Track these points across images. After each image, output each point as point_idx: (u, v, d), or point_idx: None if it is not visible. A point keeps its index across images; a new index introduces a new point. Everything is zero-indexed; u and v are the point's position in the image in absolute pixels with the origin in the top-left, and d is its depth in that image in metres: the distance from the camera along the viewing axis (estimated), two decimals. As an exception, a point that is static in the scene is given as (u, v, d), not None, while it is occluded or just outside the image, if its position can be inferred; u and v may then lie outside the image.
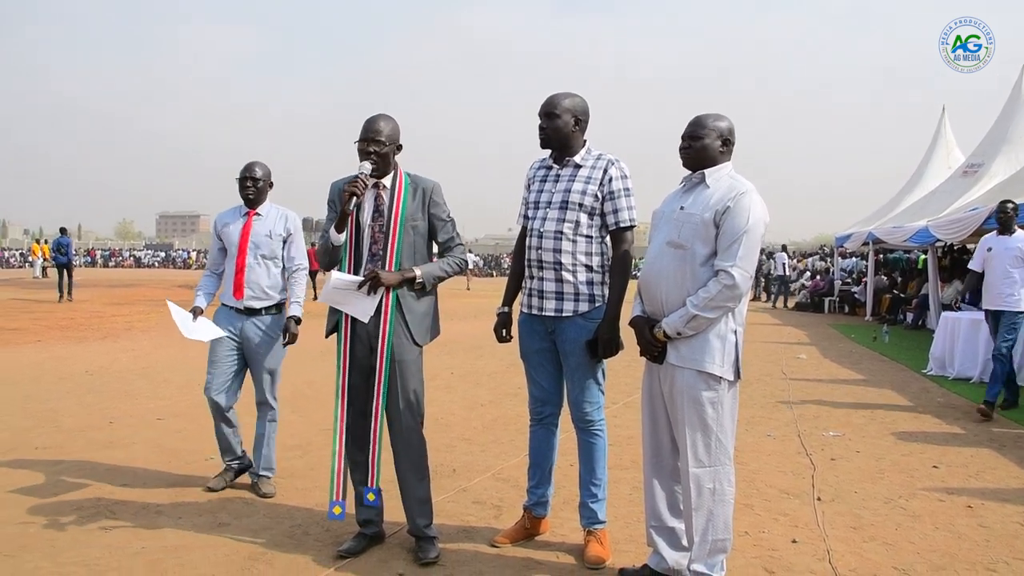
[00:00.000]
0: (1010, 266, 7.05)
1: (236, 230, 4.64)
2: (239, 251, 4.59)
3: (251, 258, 4.59)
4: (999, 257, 7.17)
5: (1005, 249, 7.17)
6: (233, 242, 4.61)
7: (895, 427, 6.56)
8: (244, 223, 4.65)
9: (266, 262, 4.63)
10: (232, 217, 4.72)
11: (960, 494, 4.71)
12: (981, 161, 14.99)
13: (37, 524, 4.00)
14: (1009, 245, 7.16)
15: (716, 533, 3.13)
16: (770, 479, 4.95)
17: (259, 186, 4.65)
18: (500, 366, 9.61)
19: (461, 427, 6.32)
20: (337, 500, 3.63)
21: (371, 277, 3.51)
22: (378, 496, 3.65)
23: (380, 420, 3.61)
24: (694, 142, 3.23)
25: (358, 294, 3.54)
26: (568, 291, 3.57)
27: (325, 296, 3.58)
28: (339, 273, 3.58)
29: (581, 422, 3.66)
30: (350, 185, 3.49)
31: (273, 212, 4.73)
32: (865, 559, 3.68)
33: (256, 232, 4.62)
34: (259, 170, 4.65)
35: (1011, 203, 7.43)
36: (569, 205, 3.57)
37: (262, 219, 4.67)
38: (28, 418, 6.39)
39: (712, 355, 3.09)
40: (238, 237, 4.61)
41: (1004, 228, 7.33)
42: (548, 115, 3.61)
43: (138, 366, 9.28)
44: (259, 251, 4.61)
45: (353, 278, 3.57)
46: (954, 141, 19.65)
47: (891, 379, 9.25)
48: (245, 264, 4.58)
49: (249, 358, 4.62)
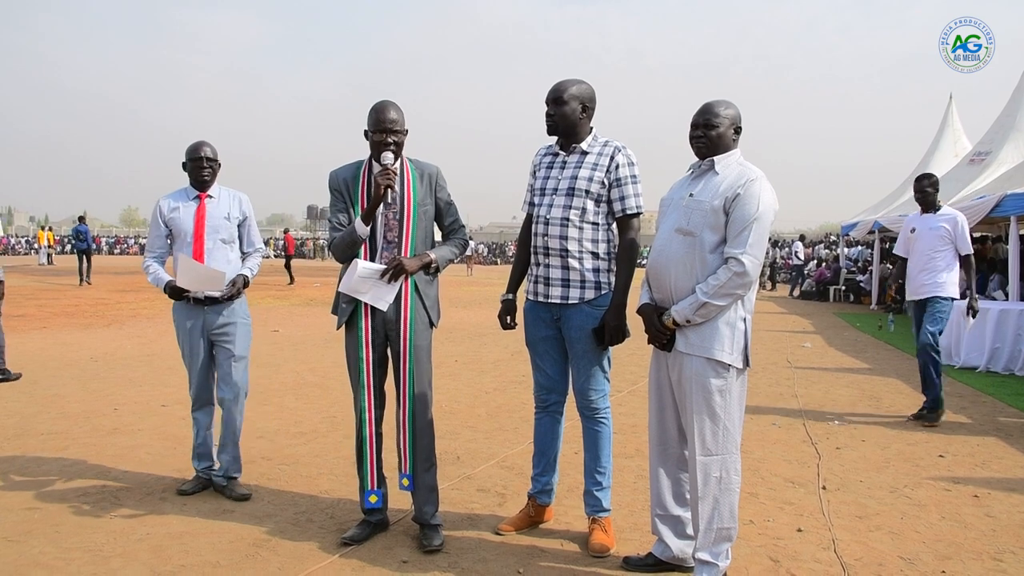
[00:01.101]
0: (934, 248, 6.29)
1: (189, 215, 4.30)
2: (196, 237, 4.27)
3: (210, 244, 4.30)
4: (923, 238, 6.40)
5: (929, 229, 6.37)
6: (187, 228, 4.28)
7: (901, 416, 6.53)
8: (197, 207, 4.32)
9: (226, 247, 4.36)
10: (180, 201, 4.35)
11: (966, 483, 4.69)
12: (989, 149, 14.90)
13: (42, 509, 4.00)
14: (933, 225, 6.36)
15: (722, 521, 3.12)
16: (775, 468, 4.94)
17: (214, 167, 4.36)
18: (504, 354, 9.60)
19: (465, 415, 6.31)
20: (372, 489, 3.64)
21: (395, 266, 3.51)
22: (412, 481, 3.65)
23: (409, 407, 3.61)
24: (708, 131, 3.19)
25: (379, 282, 3.54)
26: (574, 278, 3.55)
27: (347, 286, 3.56)
28: (364, 262, 3.56)
29: (586, 410, 3.65)
30: (383, 178, 3.47)
31: (224, 194, 4.43)
32: (870, 548, 3.66)
33: (212, 215, 4.33)
34: (210, 149, 4.35)
35: (929, 178, 6.57)
36: (576, 192, 3.55)
37: (215, 201, 4.38)
38: (33, 404, 6.40)
39: (721, 342, 3.07)
40: (193, 222, 4.29)
41: (925, 206, 6.51)
42: (556, 101, 3.59)
43: (143, 353, 9.29)
44: (218, 235, 4.33)
45: (377, 266, 3.56)
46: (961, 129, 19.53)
47: (896, 368, 9.22)
48: (205, 250, 4.28)
49: (217, 350, 4.35)
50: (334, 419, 6.03)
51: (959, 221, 6.32)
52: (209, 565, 3.37)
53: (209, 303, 4.28)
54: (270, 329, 11.89)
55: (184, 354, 4.37)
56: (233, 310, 4.35)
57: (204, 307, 4.29)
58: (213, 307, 4.30)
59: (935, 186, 6.51)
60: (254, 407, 4.63)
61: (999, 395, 7.48)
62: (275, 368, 8.34)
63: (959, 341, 9.35)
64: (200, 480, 4.35)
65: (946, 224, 6.29)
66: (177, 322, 4.34)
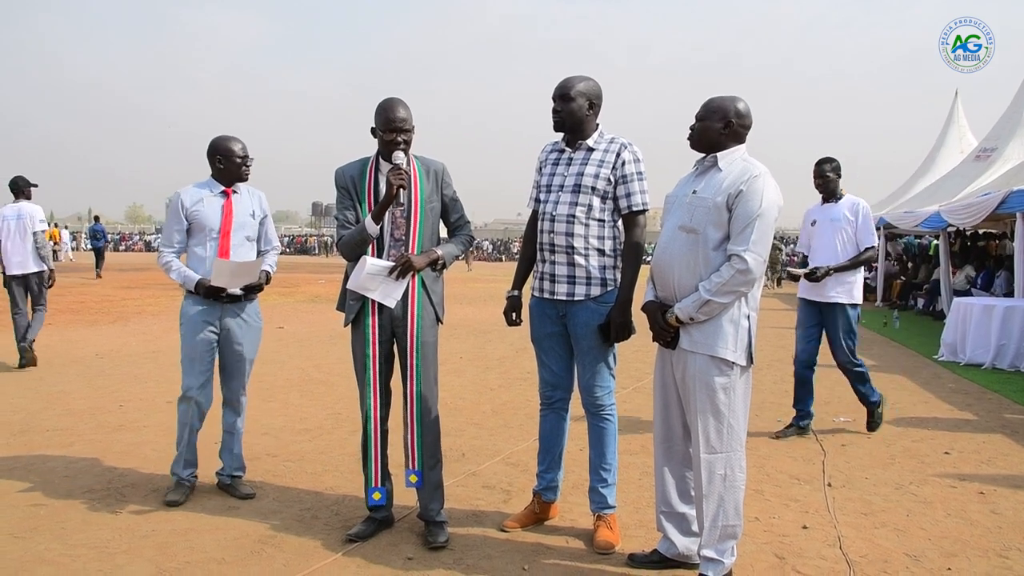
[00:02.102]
0: (839, 242, 5.58)
1: (215, 210, 4.20)
2: (223, 233, 4.19)
3: (236, 240, 4.23)
4: (824, 232, 5.66)
5: (831, 220, 5.64)
6: (213, 224, 4.18)
7: (906, 413, 6.52)
8: (224, 202, 4.23)
9: (249, 244, 4.32)
10: (203, 194, 4.23)
11: (972, 480, 4.68)
12: (995, 145, 14.88)
13: (47, 506, 4.01)
14: (835, 215, 5.64)
15: (726, 519, 3.11)
16: (780, 465, 4.93)
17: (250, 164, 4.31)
18: (509, 351, 9.60)
19: (471, 411, 6.31)
20: (376, 486, 3.63)
21: (403, 263, 3.51)
22: (421, 478, 3.64)
23: (417, 403, 3.61)
24: (695, 124, 3.24)
25: (387, 279, 3.53)
26: (580, 275, 3.55)
27: (355, 283, 3.55)
28: (372, 259, 3.55)
29: (592, 407, 3.65)
30: (397, 178, 3.46)
31: (244, 190, 4.36)
32: (876, 545, 3.66)
33: (239, 212, 4.26)
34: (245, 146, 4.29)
35: (830, 162, 5.74)
36: (582, 188, 3.54)
37: (240, 198, 4.30)
38: (39, 400, 6.42)
39: (725, 340, 3.06)
40: (220, 217, 4.20)
41: (826, 195, 5.74)
42: (562, 98, 3.58)
43: (148, 350, 9.30)
44: (244, 232, 4.27)
45: (386, 263, 3.55)
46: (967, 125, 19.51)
47: (902, 365, 9.20)
48: (231, 247, 4.20)
49: (228, 351, 4.27)
50: (339, 416, 6.03)
51: (861, 209, 5.62)
52: (214, 562, 3.38)
53: (229, 302, 4.21)
54: (275, 326, 11.90)
55: (189, 352, 4.22)
56: (249, 311, 4.32)
57: (223, 306, 4.21)
58: (231, 306, 4.23)
59: (837, 171, 5.71)
60: (259, 404, 4.63)
61: (1005, 392, 7.45)
62: (280, 365, 8.35)
63: (965, 337, 9.32)
64: (187, 487, 4.19)
65: (848, 213, 5.59)
66: (190, 319, 4.18)
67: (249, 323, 4.32)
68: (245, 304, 4.30)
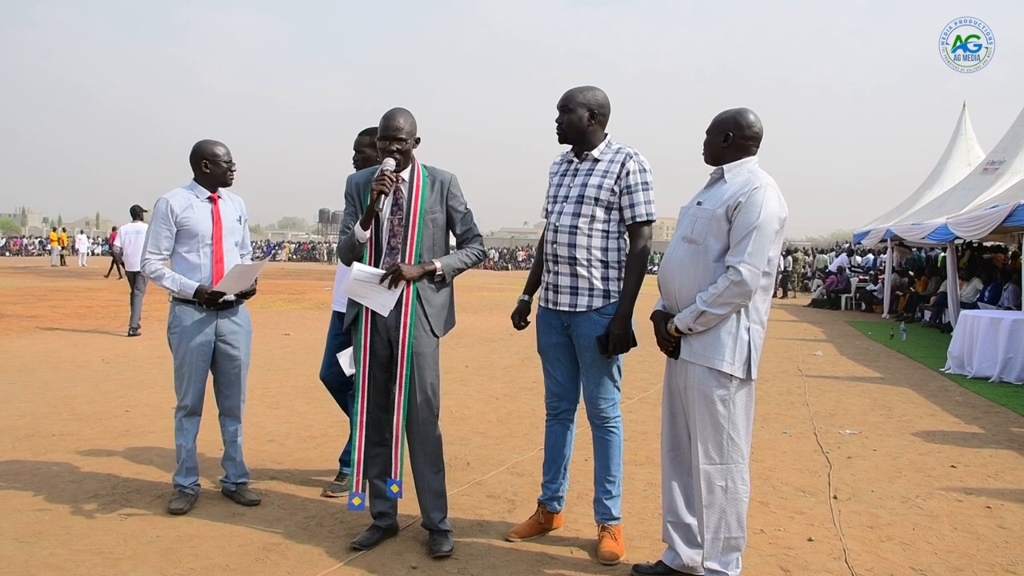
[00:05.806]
0: None
1: (205, 215, 4.18)
2: (215, 239, 4.18)
3: (227, 246, 4.23)
4: None
5: None
6: (204, 230, 4.16)
7: (912, 426, 6.49)
8: (212, 208, 4.22)
9: (236, 249, 4.32)
10: (191, 200, 4.19)
11: (979, 494, 4.65)
12: (1003, 158, 14.84)
13: (52, 511, 4.02)
14: None
15: (729, 531, 3.10)
16: (786, 477, 4.91)
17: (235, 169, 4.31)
18: (515, 360, 9.60)
19: (476, 420, 6.31)
20: (357, 492, 3.63)
21: (392, 271, 3.50)
22: (401, 488, 3.64)
23: (403, 413, 3.60)
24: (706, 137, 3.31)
25: (379, 287, 3.53)
26: (583, 286, 3.55)
27: (346, 288, 3.57)
28: (361, 265, 3.56)
29: (596, 418, 3.64)
30: (377, 183, 3.46)
31: (227, 195, 4.35)
32: (882, 559, 3.64)
33: (226, 218, 4.25)
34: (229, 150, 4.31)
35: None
36: (585, 199, 3.54)
37: (225, 203, 4.30)
38: (45, 405, 6.43)
39: (722, 352, 3.05)
40: (211, 223, 4.18)
41: None
42: (563, 109, 3.60)
43: (154, 355, 9.31)
44: (233, 238, 4.29)
45: (375, 271, 3.55)
46: (975, 138, 19.46)
47: (908, 377, 9.17)
48: (224, 252, 4.21)
49: (225, 357, 4.25)
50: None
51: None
52: (219, 568, 3.38)
53: (222, 308, 4.21)
54: (281, 333, 11.91)
55: (185, 361, 4.14)
56: (240, 315, 4.33)
57: (217, 312, 4.20)
58: (225, 312, 4.24)
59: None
60: (264, 411, 4.63)
61: (1012, 405, 7.41)
62: (285, 372, 8.36)
63: (972, 350, 9.28)
64: (191, 496, 4.16)
65: None
66: (184, 328, 4.12)
67: (243, 327, 4.33)
68: (237, 308, 4.32)
